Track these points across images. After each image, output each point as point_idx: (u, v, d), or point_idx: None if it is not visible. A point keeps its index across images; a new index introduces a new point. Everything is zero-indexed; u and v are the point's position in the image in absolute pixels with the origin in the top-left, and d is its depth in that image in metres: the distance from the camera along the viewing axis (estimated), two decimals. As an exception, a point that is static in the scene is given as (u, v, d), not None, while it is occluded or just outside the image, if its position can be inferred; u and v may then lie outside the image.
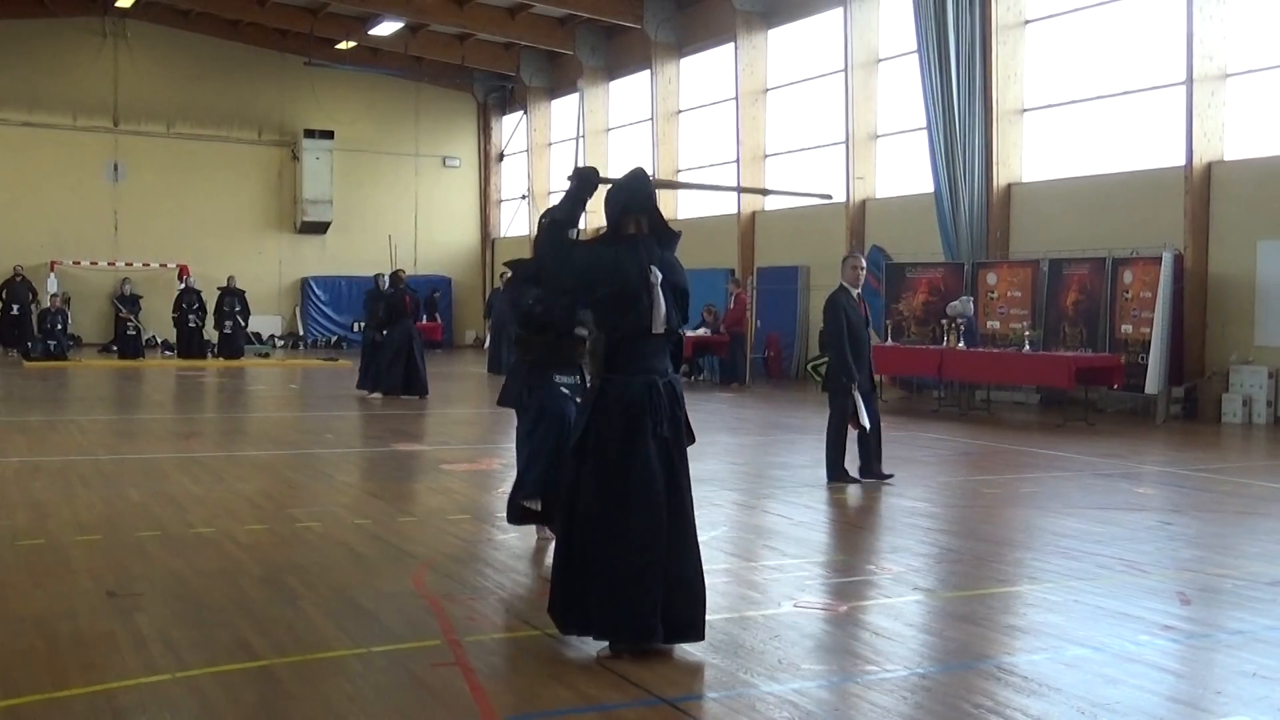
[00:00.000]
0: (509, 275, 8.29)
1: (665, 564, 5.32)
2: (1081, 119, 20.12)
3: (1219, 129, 17.64)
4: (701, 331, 23.06)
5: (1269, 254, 16.90)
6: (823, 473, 10.71)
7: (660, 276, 5.46)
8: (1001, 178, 20.59)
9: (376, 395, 18.99)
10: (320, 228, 35.72)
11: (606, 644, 5.35)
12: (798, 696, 4.88)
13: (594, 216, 7.33)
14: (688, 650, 5.46)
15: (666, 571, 5.33)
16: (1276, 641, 5.75)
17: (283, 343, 35.06)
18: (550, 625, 5.81)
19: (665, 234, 5.67)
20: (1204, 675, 5.36)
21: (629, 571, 5.26)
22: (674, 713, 4.68)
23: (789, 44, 26.40)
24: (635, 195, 5.63)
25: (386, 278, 20.34)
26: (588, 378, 7.40)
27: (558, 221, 5.62)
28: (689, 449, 5.62)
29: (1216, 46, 17.50)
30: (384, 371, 19.10)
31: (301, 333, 35.73)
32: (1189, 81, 17.49)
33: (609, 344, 5.49)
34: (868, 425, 10.46)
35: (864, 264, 11.01)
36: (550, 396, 7.58)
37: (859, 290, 10.69)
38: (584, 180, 5.73)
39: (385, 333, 19.39)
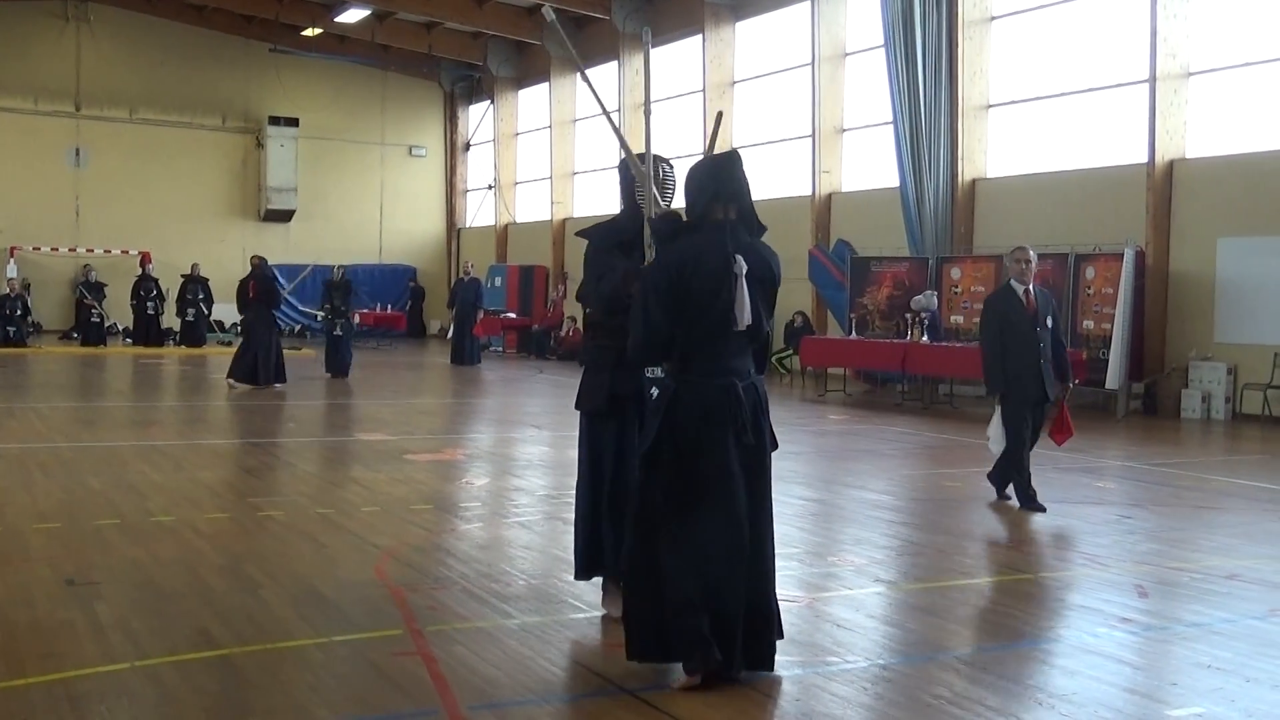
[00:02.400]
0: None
1: (747, 582, 4.85)
2: (1046, 115, 20.25)
3: (1181, 127, 17.79)
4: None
5: (1229, 251, 17.08)
6: (786, 465, 10.71)
7: (745, 267, 4.91)
8: (966, 173, 20.70)
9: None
10: (285, 216, 35.50)
11: (682, 673, 4.83)
12: (760, 687, 4.89)
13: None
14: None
15: (750, 594, 4.86)
16: (1232, 634, 5.81)
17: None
18: (513, 614, 5.82)
19: (753, 225, 5.11)
20: (1160, 667, 5.41)
21: (709, 590, 4.78)
22: (636, 703, 4.69)
23: (757, 37, 26.43)
24: (728, 181, 5.04)
25: (337, 269, 21.04)
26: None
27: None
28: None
29: (1179, 45, 17.65)
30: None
31: (265, 321, 35.45)
32: (1152, 79, 17.64)
33: (686, 342, 4.91)
34: (991, 445, 9.51)
35: (1032, 256, 9.41)
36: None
37: (1028, 286, 9.30)
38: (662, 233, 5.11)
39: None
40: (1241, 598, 6.58)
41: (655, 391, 5.23)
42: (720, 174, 5.07)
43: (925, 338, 18.32)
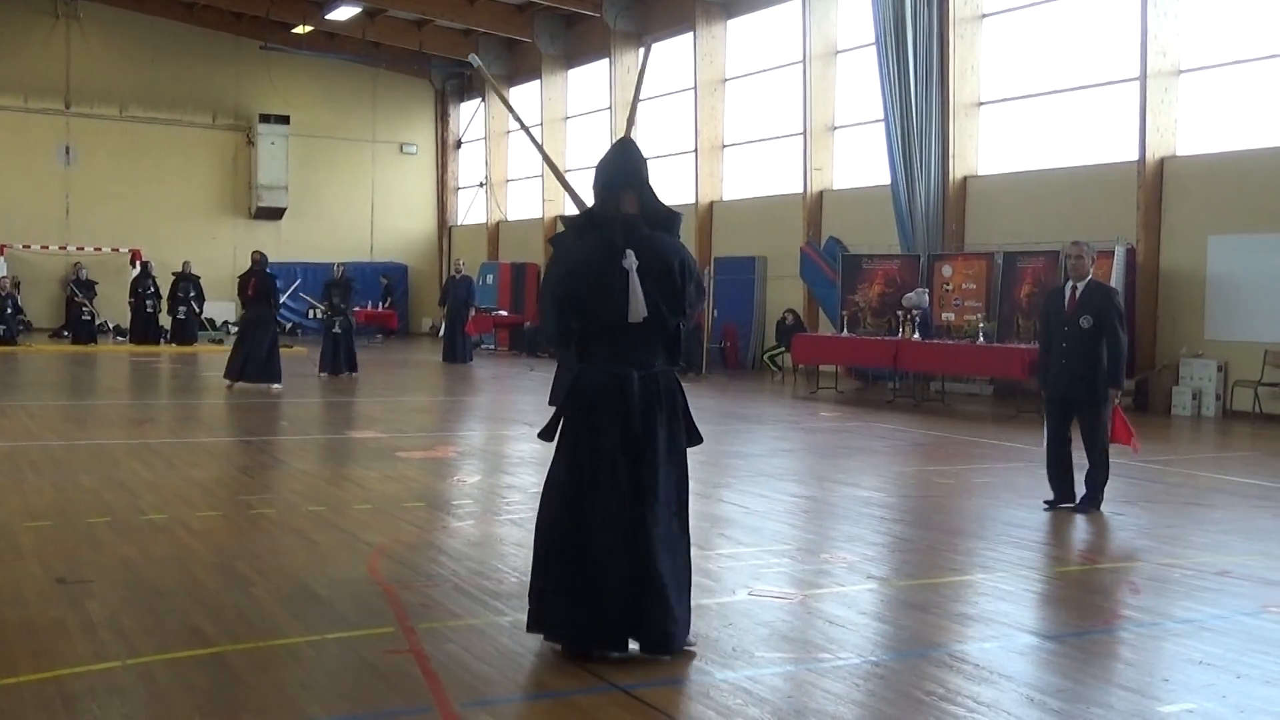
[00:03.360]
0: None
1: (630, 569, 5.01)
2: (1037, 113, 20.28)
3: (1172, 125, 17.83)
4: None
5: (1219, 249, 17.12)
6: (778, 462, 10.75)
7: (636, 262, 5.01)
8: (957, 170, 20.72)
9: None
10: (275, 213, 35.45)
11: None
12: (751, 684, 4.90)
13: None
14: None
15: (634, 578, 5.02)
16: (1223, 630, 5.83)
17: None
18: (505, 612, 5.83)
19: (658, 213, 5.21)
20: (1152, 663, 5.42)
21: (586, 574, 5.01)
22: (629, 700, 4.69)
23: (748, 34, 26.43)
24: (617, 170, 5.18)
25: (337, 267, 20.97)
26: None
27: None
28: (695, 448, 5.40)
29: (1170, 43, 17.68)
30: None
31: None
32: (1143, 77, 17.67)
33: (585, 333, 5.12)
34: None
35: (1085, 252, 9.11)
36: None
37: (1076, 283, 9.06)
38: None
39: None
40: (1232, 594, 6.60)
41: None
42: (611, 164, 5.21)
43: (916, 335, 18.35)
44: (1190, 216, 17.47)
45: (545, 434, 5.28)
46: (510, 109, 6.24)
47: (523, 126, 6.37)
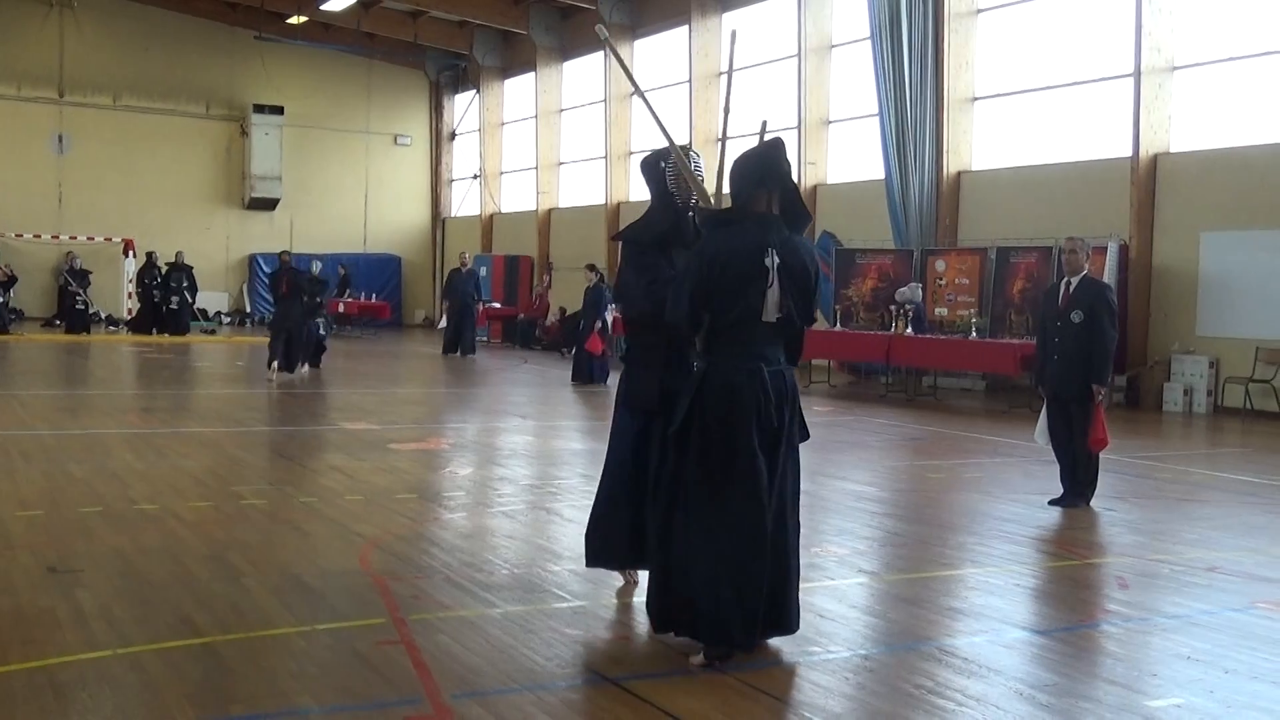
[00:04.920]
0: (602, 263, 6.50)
1: (773, 562, 5.07)
2: (1031, 109, 20.29)
3: (1165, 121, 17.85)
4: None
5: (1211, 246, 17.15)
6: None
7: (779, 261, 5.09)
8: (951, 165, 20.73)
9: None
10: (269, 204, 35.38)
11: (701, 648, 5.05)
12: (741, 676, 4.91)
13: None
14: (636, 631, 5.50)
15: (774, 570, 5.08)
16: (1211, 625, 5.86)
17: (229, 320, 34.73)
18: (496, 604, 5.83)
19: (797, 214, 5.29)
20: (1140, 658, 5.44)
21: (728, 568, 4.98)
22: (619, 692, 4.70)
23: (743, 28, 26.36)
24: (772, 169, 5.20)
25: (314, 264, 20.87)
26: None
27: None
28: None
29: (1164, 39, 17.70)
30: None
31: (248, 310, 35.43)
32: (1137, 74, 17.68)
33: (714, 327, 5.12)
34: (1037, 437, 9.48)
35: (1080, 248, 9.14)
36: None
37: (1070, 278, 9.13)
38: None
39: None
40: (1221, 590, 6.63)
41: None
42: (765, 162, 5.22)
43: (909, 330, 18.36)
44: (1183, 213, 17.49)
45: (677, 431, 5.19)
46: (631, 78, 6.17)
47: (641, 95, 6.26)
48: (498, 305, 30.81)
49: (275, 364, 18.49)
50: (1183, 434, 15.11)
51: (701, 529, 5.05)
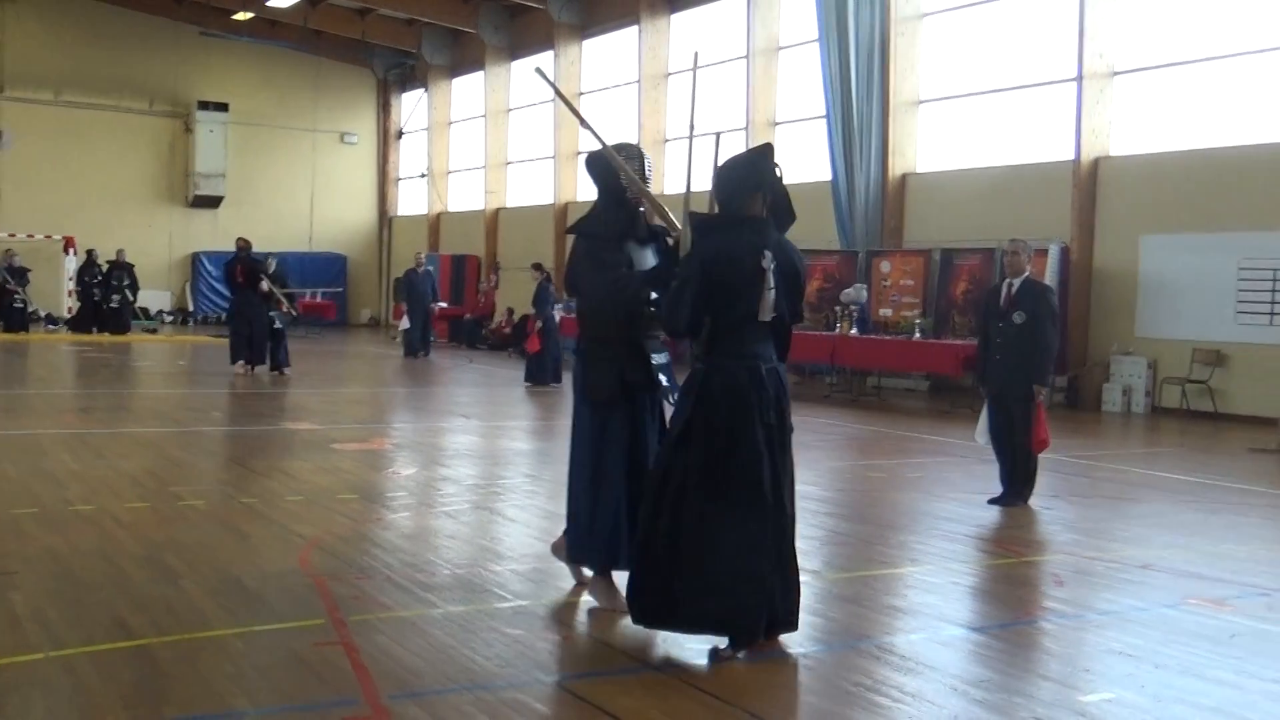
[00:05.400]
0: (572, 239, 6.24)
1: (774, 556, 5.17)
2: (975, 112, 20.49)
3: (1106, 126, 18.09)
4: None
5: (1151, 248, 17.39)
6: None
7: (775, 263, 5.25)
8: (897, 168, 20.88)
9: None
10: (213, 202, 35.04)
11: (721, 641, 5.16)
12: (683, 675, 4.93)
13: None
14: (578, 631, 5.50)
15: (776, 564, 5.18)
16: (1143, 621, 5.94)
17: (171, 318, 34.36)
18: (437, 604, 5.82)
19: (785, 215, 5.41)
20: (1074, 654, 5.51)
21: (738, 564, 5.07)
22: (559, 692, 4.71)
23: (692, 29, 26.47)
24: (766, 173, 5.35)
25: (270, 258, 20.28)
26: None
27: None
28: None
29: (1106, 45, 17.93)
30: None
31: (191, 308, 35.07)
32: (1079, 78, 17.90)
33: (713, 329, 5.25)
34: (977, 436, 9.56)
35: (1022, 250, 9.26)
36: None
37: (1013, 279, 9.20)
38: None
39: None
40: (1154, 586, 6.73)
41: (664, 378, 5.85)
42: (757, 167, 5.39)
43: (854, 330, 18.49)
44: (1123, 216, 17.73)
45: (674, 430, 5.28)
46: (577, 114, 6.16)
47: (587, 125, 6.27)
48: (444, 305, 30.66)
49: (241, 361, 18.29)
50: (1121, 434, 15.31)
51: (709, 528, 5.13)
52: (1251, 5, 16.74)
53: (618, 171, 6.00)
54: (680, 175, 6.02)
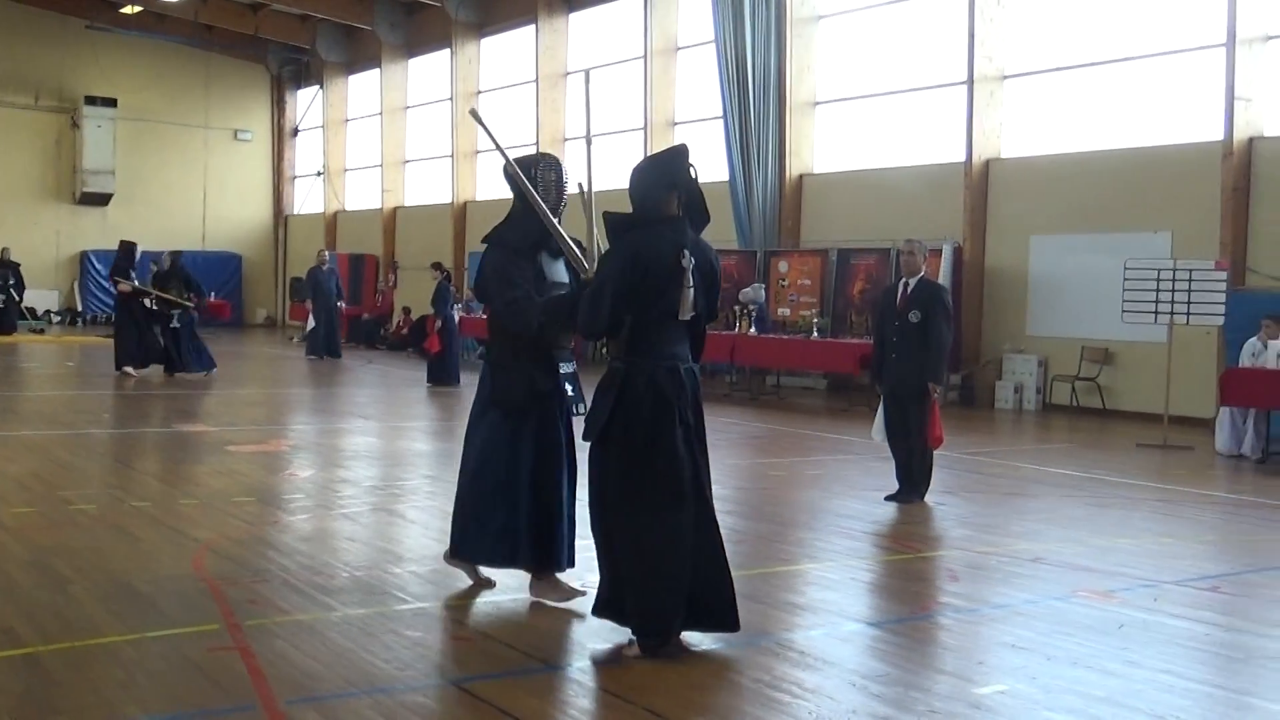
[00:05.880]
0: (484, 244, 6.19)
1: (693, 555, 5.19)
2: (871, 113, 20.77)
3: (997, 128, 18.46)
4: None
5: (1040, 248, 17.79)
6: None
7: (693, 261, 5.28)
8: (794, 168, 21.10)
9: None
10: (102, 199, 34.21)
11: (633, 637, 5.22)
12: (583, 675, 4.94)
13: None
14: (478, 632, 5.48)
15: (695, 562, 5.19)
16: (1034, 614, 6.08)
17: (60, 318, 33.50)
18: (336, 607, 5.75)
19: (700, 215, 5.44)
20: (969, 647, 5.62)
21: (656, 564, 5.12)
22: (460, 694, 4.68)
23: (590, 28, 26.48)
24: (680, 173, 5.36)
25: (166, 255, 19.60)
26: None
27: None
28: None
29: (996, 49, 18.30)
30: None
31: (80, 308, 34.21)
32: (970, 81, 18.25)
33: (633, 328, 5.24)
34: (875, 436, 9.67)
35: (918, 249, 9.39)
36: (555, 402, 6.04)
37: (908, 279, 9.34)
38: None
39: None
40: (1044, 579, 6.89)
41: (569, 388, 5.95)
42: (672, 166, 5.39)
43: (753, 330, 18.64)
44: (1013, 216, 18.11)
45: (592, 434, 5.29)
46: (506, 158, 6.09)
47: (509, 163, 6.19)
48: (342, 305, 30.25)
49: (129, 365, 17.90)
50: (1013, 430, 15.64)
51: (627, 531, 5.18)
52: (1135, 13, 17.20)
53: (537, 184, 6.03)
54: (578, 175, 6.09)
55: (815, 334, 18.08)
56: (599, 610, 5.42)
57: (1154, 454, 13.04)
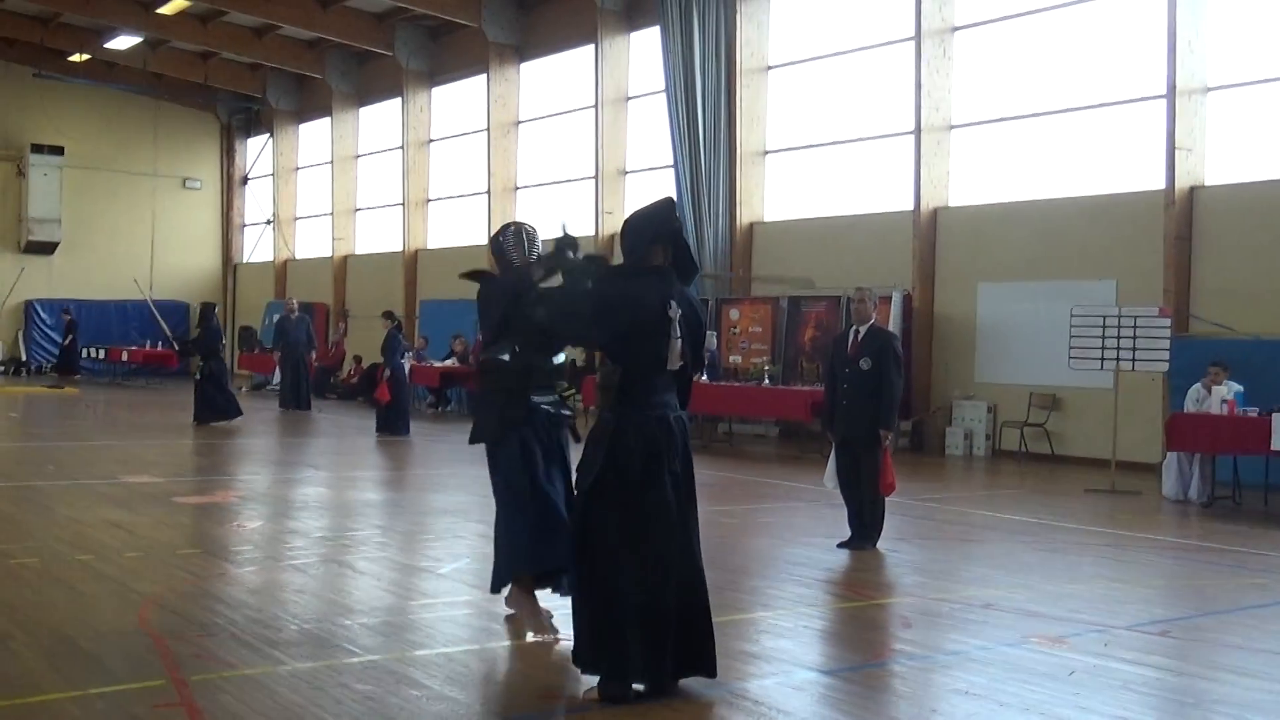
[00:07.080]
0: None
1: (680, 602, 5.24)
2: (820, 163, 20.98)
3: (944, 177, 18.69)
4: (450, 362, 22.96)
5: (988, 296, 17.99)
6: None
7: (680, 312, 5.37)
8: (744, 216, 21.25)
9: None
10: (48, 248, 33.83)
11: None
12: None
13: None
14: (426, 686, 5.41)
15: (680, 608, 5.24)
16: (987, 660, 6.09)
17: (3, 369, 33.02)
18: (284, 660, 5.67)
19: (688, 268, 5.56)
20: (922, 695, 5.62)
21: (643, 612, 5.15)
22: (409, 748, 4.62)
23: (541, 78, 26.61)
24: (666, 224, 5.48)
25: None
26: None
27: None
28: None
29: (943, 99, 18.56)
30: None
31: (25, 359, 33.73)
32: (917, 131, 18.48)
33: (624, 377, 5.34)
34: (825, 481, 9.70)
35: (868, 297, 9.53)
36: (530, 434, 6.47)
37: (859, 326, 9.44)
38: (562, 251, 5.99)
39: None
40: (996, 625, 6.91)
41: (547, 409, 6.41)
42: (659, 219, 5.50)
43: (704, 377, 18.63)
44: (961, 264, 18.31)
45: (584, 484, 5.39)
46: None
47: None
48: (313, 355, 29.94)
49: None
50: (963, 476, 15.73)
51: (614, 576, 5.21)
52: (1079, 65, 17.51)
53: (507, 245, 6.69)
54: (532, 221, 6.33)
55: (767, 381, 18.14)
56: (597, 669, 5.33)
57: (1102, 499, 13.15)
